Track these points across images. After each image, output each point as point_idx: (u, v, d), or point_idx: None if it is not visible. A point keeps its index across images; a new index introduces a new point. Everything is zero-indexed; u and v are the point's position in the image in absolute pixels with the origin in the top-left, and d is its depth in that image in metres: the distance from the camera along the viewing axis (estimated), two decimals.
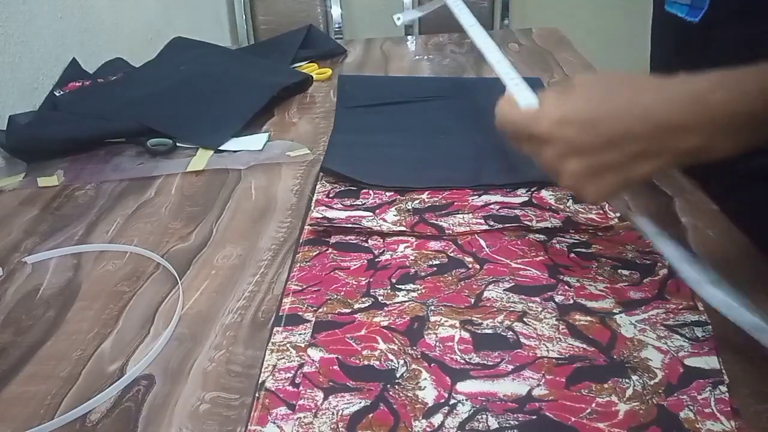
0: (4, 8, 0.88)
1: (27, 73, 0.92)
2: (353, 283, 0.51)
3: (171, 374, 0.44)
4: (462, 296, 0.49)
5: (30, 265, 0.58)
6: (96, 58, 1.10)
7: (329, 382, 0.42)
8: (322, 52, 1.16)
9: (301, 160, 0.75)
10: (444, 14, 0.71)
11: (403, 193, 0.64)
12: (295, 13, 1.95)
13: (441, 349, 0.44)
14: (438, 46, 1.21)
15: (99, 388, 0.43)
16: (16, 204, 0.70)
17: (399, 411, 0.39)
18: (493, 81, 0.95)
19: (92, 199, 0.69)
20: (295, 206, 0.65)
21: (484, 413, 0.39)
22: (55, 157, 0.80)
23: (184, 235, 0.61)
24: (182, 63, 1.02)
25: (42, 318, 0.51)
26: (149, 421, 0.40)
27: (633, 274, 0.50)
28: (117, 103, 0.89)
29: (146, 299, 0.52)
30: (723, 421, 0.37)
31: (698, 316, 0.45)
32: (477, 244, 0.55)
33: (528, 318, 0.46)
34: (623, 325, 0.45)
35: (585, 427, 0.37)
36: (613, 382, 0.40)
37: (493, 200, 0.62)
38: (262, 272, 0.55)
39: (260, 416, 0.40)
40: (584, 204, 0.60)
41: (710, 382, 0.40)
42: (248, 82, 0.95)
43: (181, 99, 0.89)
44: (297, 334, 0.46)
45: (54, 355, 0.47)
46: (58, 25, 1.01)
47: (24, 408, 0.42)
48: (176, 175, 0.74)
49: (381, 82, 1.01)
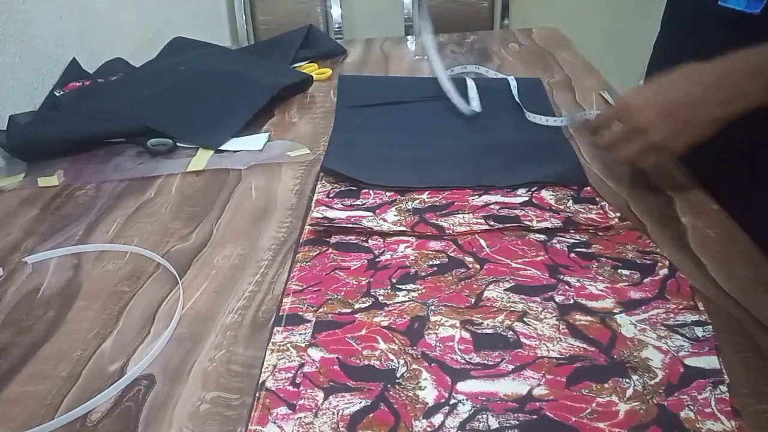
0: (4, 8, 0.87)
1: (27, 73, 0.92)
2: (353, 283, 0.51)
3: (171, 374, 0.44)
4: (462, 296, 0.49)
5: (30, 265, 0.58)
6: (96, 58, 1.10)
7: (330, 382, 0.42)
8: (322, 52, 1.16)
9: (301, 160, 0.75)
10: (445, 14, 0.71)
11: (403, 193, 0.64)
12: (295, 13, 1.95)
13: (441, 349, 0.44)
14: (438, 46, 1.20)
15: (99, 388, 0.43)
16: (16, 204, 0.70)
17: (399, 411, 0.39)
18: (494, 81, 0.96)
19: (92, 199, 0.69)
20: (295, 206, 0.65)
21: (485, 413, 0.39)
22: (55, 157, 0.80)
23: (185, 235, 0.61)
24: (182, 63, 1.02)
25: (42, 318, 0.51)
26: (149, 421, 0.40)
27: (633, 274, 0.50)
28: (117, 103, 0.89)
29: (146, 299, 0.52)
30: (723, 421, 0.37)
31: (698, 316, 0.45)
32: (477, 244, 0.55)
33: (528, 318, 0.46)
34: (623, 325, 0.45)
35: (585, 426, 0.37)
36: (613, 381, 0.40)
37: (493, 200, 0.62)
38: (262, 272, 0.55)
39: (261, 416, 0.40)
40: (584, 204, 0.60)
41: (710, 381, 0.40)
42: (248, 82, 0.95)
43: (181, 99, 0.89)
44: (297, 334, 0.46)
45: (54, 355, 0.47)
46: (58, 25, 1.01)
47: (24, 408, 0.42)
48: (176, 175, 0.74)
49: (381, 82, 1.01)
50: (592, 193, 0.62)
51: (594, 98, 0.87)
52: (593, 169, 0.68)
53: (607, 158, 0.70)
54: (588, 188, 0.63)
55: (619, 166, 0.69)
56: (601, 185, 0.64)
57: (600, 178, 0.66)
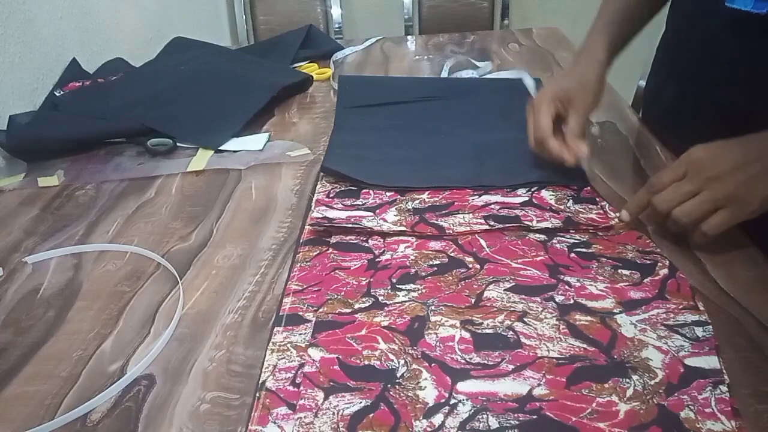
0: (4, 8, 0.87)
1: (27, 73, 0.92)
2: (354, 283, 0.51)
3: (171, 374, 0.44)
4: (462, 296, 0.49)
5: (30, 265, 0.58)
6: (96, 58, 1.10)
7: (330, 382, 0.42)
8: (322, 52, 1.16)
9: (302, 160, 0.75)
10: (445, 14, 0.72)
11: (403, 193, 0.64)
12: (295, 13, 1.95)
13: (441, 349, 0.44)
14: (438, 46, 1.21)
15: (99, 388, 0.43)
16: (16, 204, 0.70)
17: (399, 411, 0.39)
18: (493, 81, 0.96)
19: (92, 199, 0.69)
20: (295, 206, 0.65)
21: (485, 413, 0.39)
22: (55, 157, 0.80)
23: (185, 235, 0.61)
24: (182, 63, 1.02)
25: (42, 318, 0.51)
26: (150, 421, 0.40)
27: (633, 274, 0.50)
28: (117, 103, 0.89)
29: (146, 299, 0.52)
30: (723, 421, 0.37)
31: (698, 316, 0.45)
32: (477, 244, 0.55)
33: (528, 318, 0.46)
34: (623, 324, 0.45)
35: (585, 426, 0.37)
36: (613, 381, 0.40)
37: (493, 200, 0.62)
38: (262, 272, 0.55)
39: (261, 416, 0.40)
40: (584, 204, 0.60)
41: (710, 381, 0.40)
42: (248, 82, 0.95)
43: (181, 99, 0.89)
44: (297, 334, 0.46)
45: (54, 355, 0.47)
46: (58, 25, 1.01)
47: (24, 408, 0.42)
48: (176, 175, 0.74)
49: (381, 82, 1.01)
50: (592, 193, 0.62)
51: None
52: (593, 169, 0.68)
53: (608, 159, 0.70)
54: (588, 188, 0.63)
55: (619, 166, 0.69)
56: (602, 186, 0.64)
57: (600, 178, 0.66)
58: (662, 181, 0.53)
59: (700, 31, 0.66)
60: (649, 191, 0.54)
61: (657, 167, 0.67)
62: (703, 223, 0.50)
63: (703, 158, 0.52)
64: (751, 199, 0.49)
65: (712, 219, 0.50)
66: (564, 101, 0.64)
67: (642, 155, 0.71)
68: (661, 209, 0.53)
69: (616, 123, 0.80)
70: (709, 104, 0.67)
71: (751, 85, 0.61)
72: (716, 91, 0.65)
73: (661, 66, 0.80)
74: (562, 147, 0.61)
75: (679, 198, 0.52)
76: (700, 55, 0.66)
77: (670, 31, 0.75)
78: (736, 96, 0.63)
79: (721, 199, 0.50)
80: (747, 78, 0.61)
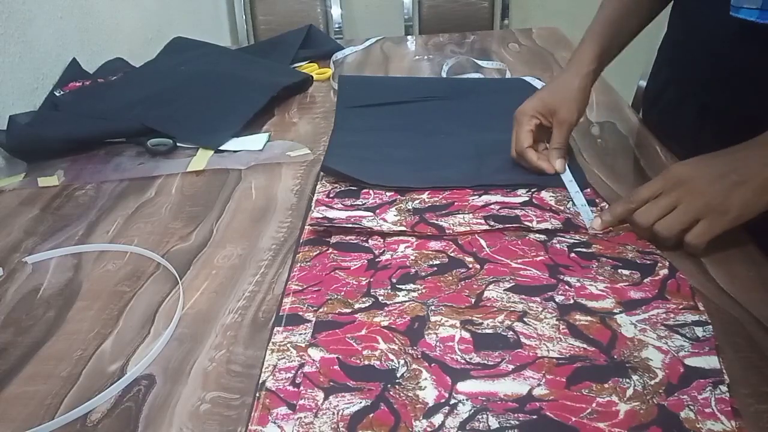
0: (4, 8, 0.87)
1: (27, 73, 0.92)
2: (353, 283, 0.51)
3: (171, 374, 0.44)
4: (462, 296, 0.49)
5: (30, 265, 0.58)
6: (96, 58, 1.10)
7: (330, 382, 0.42)
8: (322, 52, 1.16)
9: (302, 160, 0.75)
10: (445, 14, 0.72)
11: (403, 193, 0.64)
12: (295, 13, 1.95)
13: (441, 349, 0.44)
14: (438, 46, 1.21)
15: (99, 388, 0.43)
16: (16, 204, 0.70)
17: (399, 411, 0.39)
18: (493, 81, 0.96)
19: (92, 199, 0.69)
20: (295, 206, 0.65)
21: (485, 413, 0.39)
22: (55, 157, 0.80)
23: (185, 235, 0.61)
24: (182, 63, 1.02)
25: (42, 318, 0.51)
26: (150, 421, 0.40)
27: (633, 274, 0.50)
28: (117, 103, 0.89)
29: (146, 299, 0.52)
30: (723, 421, 0.37)
31: (698, 316, 0.45)
32: (477, 244, 0.55)
33: (528, 318, 0.46)
34: (623, 325, 0.45)
35: (585, 426, 0.37)
36: (613, 382, 0.40)
37: (493, 200, 0.62)
38: (262, 272, 0.55)
39: (261, 416, 0.40)
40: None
41: (710, 381, 0.40)
42: (248, 82, 0.95)
43: (181, 99, 0.89)
44: (297, 334, 0.46)
45: (54, 355, 0.47)
46: (58, 25, 1.01)
47: (24, 408, 0.42)
48: (176, 175, 0.74)
49: (381, 82, 1.01)
50: (592, 194, 0.62)
51: (594, 98, 0.87)
52: (593, 170, 0.68)
53: (608, 159, 0.70)
54: (588, 189, 0.63)
55: (619, 166, 0.69)
56: (602, 186, 0.64)
57: (600, 179, 0.66)
58: (641, 197, 0.54)
59: (703, 36, 0.66)
60: (627, 206, 0.55)
61: (657, 167, 0.67)
62: (687, 234, 0.51)
63: (680, 173, 0.53)
64: (729, 207, 0.50)
65: (695, 230, 0.51)
66: (546, 114, 0.66)
67: (642, 155, 0.71)
68: (642, 224, 0.53)
69: (616, 123, 0.80)
70: (711, 108, 0.67)
71: (754, 91, 0.61)
72: (718, 95, 0.65)
73: (662, 67, 0.79)
74: (541, 158, 0.65)
75: (658, 212, 0.53)
76: (702, 60, 0.66)
77: (672, 32, 0.75)
78: (737, 101, 0.63)
79: (700, 209, 0.51)
80: (749, 84, 0.61)
